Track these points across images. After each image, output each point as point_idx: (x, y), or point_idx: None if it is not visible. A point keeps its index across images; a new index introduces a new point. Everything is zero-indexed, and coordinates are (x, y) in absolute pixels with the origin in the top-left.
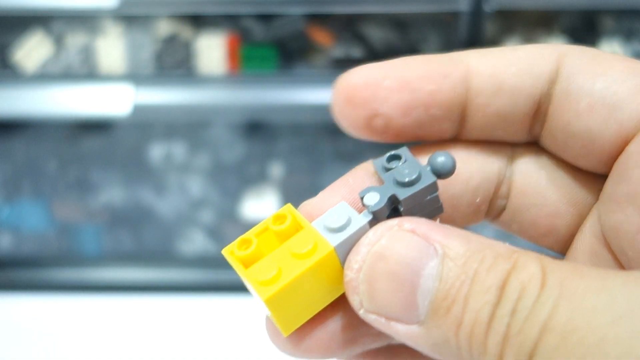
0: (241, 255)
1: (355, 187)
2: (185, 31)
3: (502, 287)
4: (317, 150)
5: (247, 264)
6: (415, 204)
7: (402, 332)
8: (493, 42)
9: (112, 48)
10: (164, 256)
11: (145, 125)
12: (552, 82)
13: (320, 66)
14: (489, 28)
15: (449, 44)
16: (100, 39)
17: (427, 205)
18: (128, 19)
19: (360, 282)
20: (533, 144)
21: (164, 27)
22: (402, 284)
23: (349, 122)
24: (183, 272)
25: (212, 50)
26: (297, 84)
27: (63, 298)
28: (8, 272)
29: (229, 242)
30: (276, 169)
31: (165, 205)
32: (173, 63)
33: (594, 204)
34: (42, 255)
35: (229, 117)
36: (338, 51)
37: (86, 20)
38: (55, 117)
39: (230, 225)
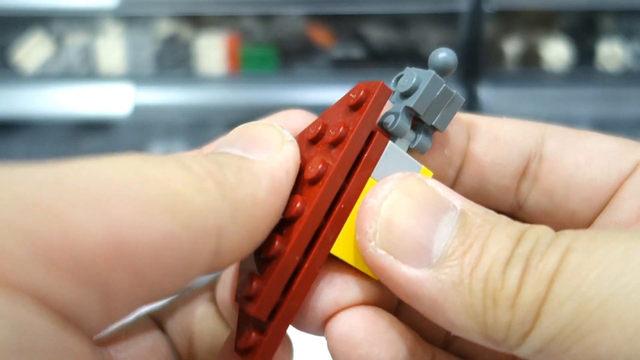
0: None
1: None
2: (185, 31)
3: (519, 238)
4: None
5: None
6: (429, 105)
7: (407, 276)
8: (493, 42)
9: (112, 48)
10: None
11: (145, 125)
12: (540, 144)
13: (320, 66)
14: (489, 28)
15: (449, 44)
16: (100, 39)
17: (442, 100)
18: (128, 19)
19: (383, 209)
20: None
21: (164, 27)
22: (421, 222)
23: None
24: None
25: (212, 51)
26: (297, 84)
27: None
28: None
29: None
30: None
31: None
32: (173, 63)
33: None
34: None
35: (229, 117)
36: (338, 51)
37: (86, 20)
38: (55, 117)
39: None
